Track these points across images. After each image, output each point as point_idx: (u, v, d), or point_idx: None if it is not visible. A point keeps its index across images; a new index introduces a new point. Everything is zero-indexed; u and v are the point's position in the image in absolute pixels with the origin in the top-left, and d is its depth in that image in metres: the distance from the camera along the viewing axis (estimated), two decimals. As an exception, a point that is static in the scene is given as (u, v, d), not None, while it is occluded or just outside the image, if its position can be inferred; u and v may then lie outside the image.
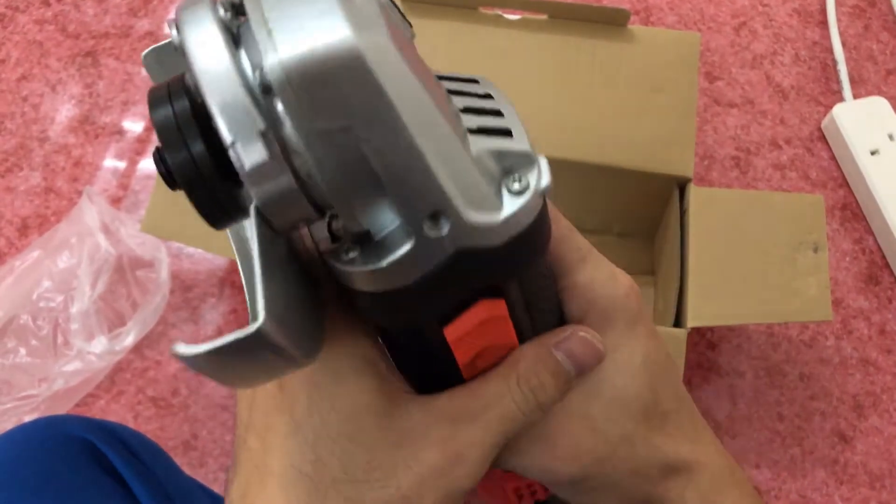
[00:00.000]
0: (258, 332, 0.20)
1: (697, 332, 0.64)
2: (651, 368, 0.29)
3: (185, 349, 0.20)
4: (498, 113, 0.24)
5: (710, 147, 0.71)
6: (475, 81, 0.26)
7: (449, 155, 0.21)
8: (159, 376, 0.62)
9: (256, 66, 0.19)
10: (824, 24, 0.76)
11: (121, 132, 0.72)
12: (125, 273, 0.63)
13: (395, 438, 0.26)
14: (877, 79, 0.74)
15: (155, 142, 0.28)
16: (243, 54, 0.20)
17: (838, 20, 0.75)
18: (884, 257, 0.67)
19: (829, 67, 0.74)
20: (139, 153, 0.72)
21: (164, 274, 0.61)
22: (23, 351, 0.58)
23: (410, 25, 0.24)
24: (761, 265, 0.54)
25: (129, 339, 0.59)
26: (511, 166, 0.23)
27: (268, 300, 0.20)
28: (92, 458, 0.41)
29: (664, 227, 0.61)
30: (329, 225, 0.23)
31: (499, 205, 0.22)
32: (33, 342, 0.58)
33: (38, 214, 0.69)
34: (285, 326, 0.21)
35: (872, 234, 0.68)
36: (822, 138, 0.72)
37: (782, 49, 0.75)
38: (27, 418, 0.56)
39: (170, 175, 0.21)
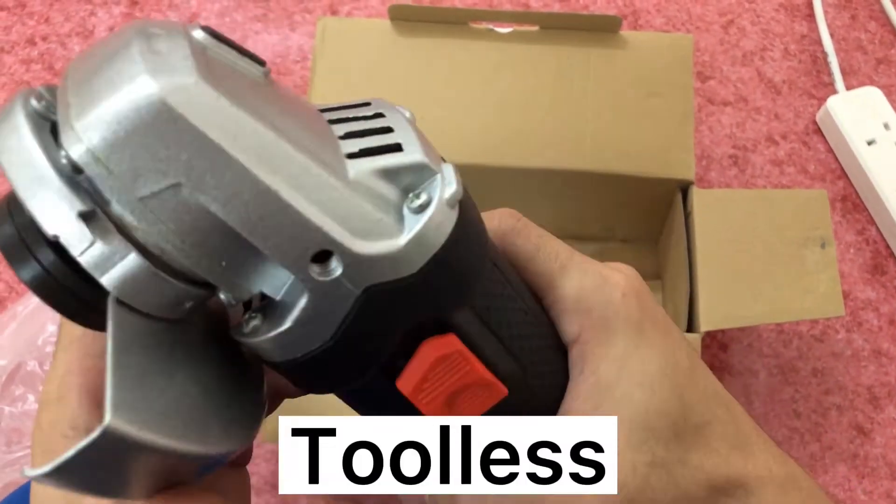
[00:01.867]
0: (105, 433, 0.17)
1: (708, 334, 0.64)
2: (672, 374, 0.25)
3: (31, 471, 0.17)
4: (386, 130, 0.22)
5: (707, 147, 0.71)
6: (367, 104, 0.23)
7: (313, 187, 0.18)
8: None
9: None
10: (811, 17, 0.76)
11: (115, 168, 0.72)
12: (129, 311, 0.62)
13: None
14: (868, 68, 0.74)
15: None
16: (62, 141, 0.18)
17: (825, 12, 0.75)
18: (888, 247, 0.67)
19: (820, 60, 0.74)
20: (135, 188, 0.71)
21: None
22: (31, 398, 0.57)
23: (262, 64, 0.21)
24: (770, 264, 0.54)
25: (138, 378, 0.58)
26: (410, 183, 0.20)
27: (118, 396, 0.18)
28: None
29: (668, 231, 0.61)
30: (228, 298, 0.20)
31: (397, 229, 0.20)
32: (41, 387, 0.57)
33: (37, 256, 0.68)
34: (168, 422, 0.19)
35: (875, 224, 0.68)
36: (818, 131, 0.72)
37: (771, 45, 0.75)
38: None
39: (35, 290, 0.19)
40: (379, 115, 0.23)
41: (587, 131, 0.58)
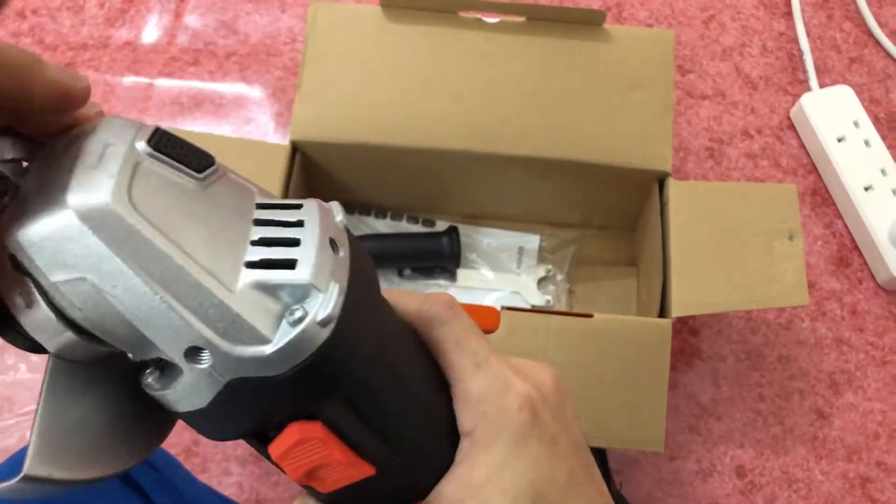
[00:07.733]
0: (23, 478, 0.22)
1: (679, 320, 0.67)
2: (541, 489, 0.27)
3: None
4: (293, 243, 0.24)
5: (684, 139, 0.73)
6: (298, 207, 0.26)
7: (196, 298, 0.22)
8: (157, 385, 0.63)
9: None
10: (789, 15, 0.78)
11: (105, 143, 0.73)
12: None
13: None
14: (841, 67, 0.76)
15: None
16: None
17: (802, 11, 0.78)
18: (853, 240, 0.70)
19: (796, 57, 0.77)
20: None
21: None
22: (23, 367, 0.58)
23: (203, 168, 0.24)
24: (740, 254, 0.56)
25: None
26: (291, 299, 0.23)
27: (39, 445, 0.23)
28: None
29: (645, 220, 0.64)
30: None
31: (268, 337, 0.22)
32: (33, 358, 0.59)
33: (27, 229, 0.69)
34: (72, 459, 0.24)
35: (841, 217, 0.71)
36: (791, 127, 0.74)
37: (750, 41, 0.77)
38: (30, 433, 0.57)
39: None
40: (298, 224, 0.25)
41: (569, 121, 0.60)
